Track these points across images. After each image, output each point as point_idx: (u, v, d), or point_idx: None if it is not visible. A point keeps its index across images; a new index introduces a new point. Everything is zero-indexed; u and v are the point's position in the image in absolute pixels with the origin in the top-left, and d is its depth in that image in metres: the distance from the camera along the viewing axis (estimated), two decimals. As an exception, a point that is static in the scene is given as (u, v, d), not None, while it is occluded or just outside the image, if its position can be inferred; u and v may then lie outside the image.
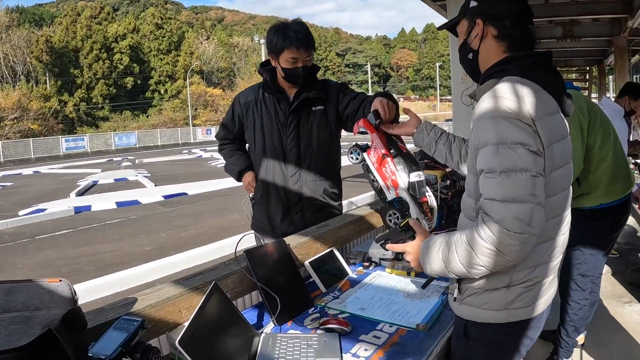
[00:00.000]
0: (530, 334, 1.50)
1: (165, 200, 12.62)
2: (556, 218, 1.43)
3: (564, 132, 1.44)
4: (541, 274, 1.43)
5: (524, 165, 1.25)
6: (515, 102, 1.29)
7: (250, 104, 2.79)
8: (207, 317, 1.40)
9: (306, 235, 2.30)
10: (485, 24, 1.49)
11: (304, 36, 2.58)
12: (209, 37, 74.47)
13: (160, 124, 54.69)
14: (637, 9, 6.63)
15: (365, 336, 1.63)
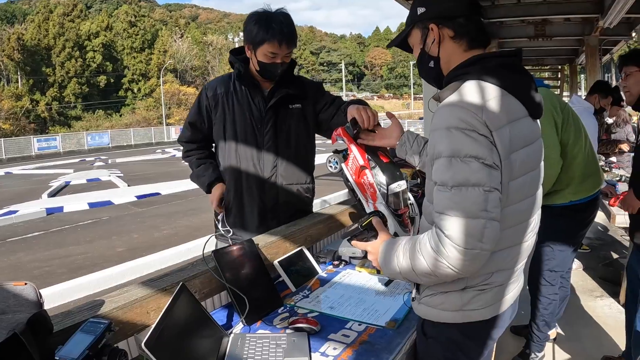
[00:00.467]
0: (490, 333, 1.51)
1: (138, 200, 12.48)
2: (519, 225, 1.42)
3: (530, 137, 1.40)
4: (500, 279, 1.43)
5: (477, 180, 1.22)
6: (472, 113, 1.26)
7: (220, 97, 2.52)
8: (175, 318, 1.39)
9: (275, 234, 2.30)
10: (439, 27, 1.46)
11: (289, 31, 2.38)
12: (183, 35, 73.73)
13: (133, 123, 53.99)
14: (607, 9, 6.75)
15: (334, 335, 1.65)
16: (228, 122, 2.52)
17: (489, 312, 1.44)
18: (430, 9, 1.47)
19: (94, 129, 50.51)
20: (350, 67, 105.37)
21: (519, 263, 1.50)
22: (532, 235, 1.52)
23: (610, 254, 5.82)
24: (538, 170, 1.47)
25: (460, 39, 1.45)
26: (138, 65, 64.11)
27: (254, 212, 2.56)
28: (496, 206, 1.25)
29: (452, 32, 1.45)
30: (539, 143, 1.47)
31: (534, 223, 1.50)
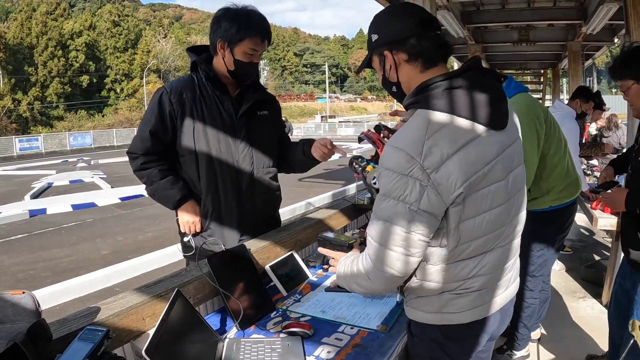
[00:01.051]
0: (472, 336, 1.55)
1: (122, 202, 12.39)
2: (491, 234, 1.45)
3: (493, 151, 1.40)
4: (477, 284, 1.47)
5: (399, 222, 1.32)
6: (409, 157, 1.30)
7: (187, 102, 2.29)
8: (172, 324, 1.41)
9: (266, 239, 2.32)
10: (392, 52, 1.47)
11: (269, 28, 2.32)
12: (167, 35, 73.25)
13: (116, 123, 53.44)
14: (591, 16, 6.87)
15: (327, 338, 1.67)
16: (198, 130, 2.32)
17: (468, 316, 1.49)
18: (382, 36, 1.49)
19: (76, 129, 49.86)
20: (333, 68, 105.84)
21: (500, 268, 1.52)
22: (511, 240, 1.54)
23: (592, 256, 5.93)
24: (512, 176, 1.47)
25: (415, 60, 1.45)
26: (121, 65, 63.44)
27: (233, 224, 2.43)
28: (415, 247, 1.35)
29: (405, 55, 1.46)
30: (510, 150, 1.47)
31: (512, 228, 1.53)
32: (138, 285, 1.75)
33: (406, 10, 1.50)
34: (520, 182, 1.54)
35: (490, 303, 1.53)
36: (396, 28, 1.46)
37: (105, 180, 16.81)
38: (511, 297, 1.64)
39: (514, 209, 1.52)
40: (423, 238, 1.34)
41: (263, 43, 2.28)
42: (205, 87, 2.34)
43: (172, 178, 2.37)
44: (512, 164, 1.47)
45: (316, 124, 54.18)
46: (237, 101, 2.39)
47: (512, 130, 1.51)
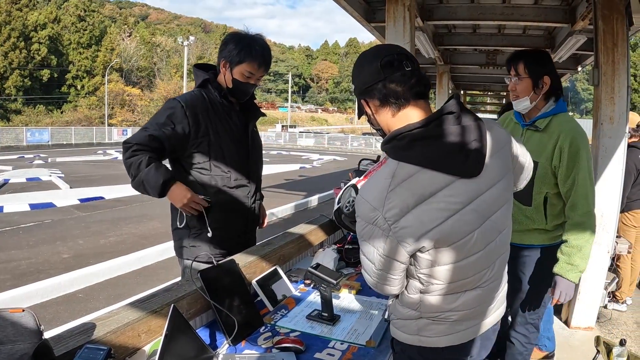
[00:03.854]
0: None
1: (82, 203, 12.09)
2: (465, 279, 1.49)
3: (459, 205, 1.39)
4: (454, 317, 1.53)
5: (372, 259, 1.45)
6: (373, 209, 1.36)
7: (202, 117, 2.43)
8: (172, 342, 1.42)
9: (252, 254, 2.35)
10: (366, 100, 1.51)
11: (268, 56, 2.55)
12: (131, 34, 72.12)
13: (74, 121, 52.27)
14: (559, 45, 7.15)
15: (319, 354, 1.73)
16: (215, 142, 2.46)
17: (444, 341, 1.55)
18: (356, 86, 1.54)
19: (33, 124, 48.50)
20: (296, 78, 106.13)
21: (480, 304, 1.57)
22: (493, 280, 1.58)
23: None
24: (490, 222, 1.47)
25: (385, 104, 1.47)
26: (83, 61, 61.89)
27: (236, 232, 2.61)
28: (388, 280, 1.49)
29: (377, 101, 1.48)
30: (487, 196, 1.45)
31: (493, 272, 1.56)
32: (101, 292, 1.75)
33: (370, 57, 1.50)
34: (502, 224, 1.54)
35: (469, 330, 1.58)
36: (363, 78, 1.49)
37: (63, 179, 16.35)
38: (493, 324, 1.69)
39: (494, 253, 1.53)
40: (394, 275, 1.47)
41: (260, 69, 2.50)
42: (215, 102, 2.50)
43: (156, 164, 2.37)
44: (489, 210, 1.46)
45: (277, 133, 54.00)
46: (243, 114, 2.62)
47: (491, 174, 1.46)
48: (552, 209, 2.60)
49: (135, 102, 61.24)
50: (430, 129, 1.39)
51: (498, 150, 1.50)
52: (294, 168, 23.09)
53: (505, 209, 1.54)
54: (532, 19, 6.40)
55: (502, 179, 1.50)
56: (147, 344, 1.58)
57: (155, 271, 6.56)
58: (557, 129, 2.50)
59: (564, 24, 6.40)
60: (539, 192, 2.59)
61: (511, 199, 1.60)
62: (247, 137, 2.63)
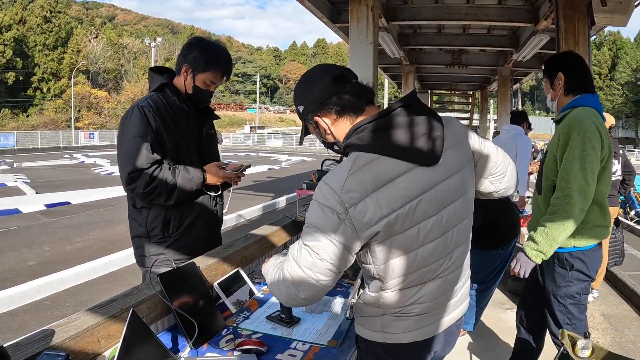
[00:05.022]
0: (414, 356, 1.64)
1: (48, 209, 11.86)
2: (423, 269, 1.51)
3: (416, 192, 1.43)
4: (416, 310, 1.56)
5: (313, 247, 1.41)
6: (332, 191, 1.39)
7: (166, 118, 2.38)
8: (131, 347, 1.41)
9: (213, 256, 2.34)
10: (320, 116, 1.55)
11: (231, 66, 2.57)
12: (98, 35, 71.07)
13: (41, 125, 51.37)
14: (522, 45, 7.30)
15: (281, 355, 1.74)
16: (174, 146, 2.43)
17: (408, 337, 1.58)
18: (306, 105, 1.57)
19: (-2, 128, 47.47)
20: (265, 79, 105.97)
21: (441, 297, 1.60)
22: (452, 270, 1.61)
23: (519, 270, 6.24)
24: (448, 211, 1.51)
25: (342, 115, 1.53)
26: (49, 63, 60.74)
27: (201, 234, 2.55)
28: (323, 274, 1.43)
29: (333, 114, 1.53)
30: (444, 185, 1.49)
31: (451, 261, 1.58)
32: (69, 299, 1.73)
33: (318, 74, 1.58)
34: (461, 215, 1.58)
35: (432, 325, 1.62)
36: (316, 94, 1.54)
37: (29, 185, 16.02)
38: (456, 319, 1.72)
39: (452, 243, 1.57)
40: (332, 268, 1.42)
41: (222, 78, 2.51)
42: (174, 106, 2.45)
43: (175, 168, 2.38)
44: (446, 199, 1.50)
45: (245, 135, 53.92)
46: (200, 119, 2.59)
47: (450, 164, 1.52)
48: None
49: (102, 105, 60.61)
50: (386, 120, 1.45)
51: (456, 142, 1.56)
52: (262, 170, 23.02)
53: (464, 200, 1.58)
54: (496, 19, 6.54)
55: (460, 170, 1.55)
56: (106, 350, 1.57)
57: (122, 276, 6.48)
58: (567, 122, 2.56)
59: (528, 24, 6.55)
60: (547, 180, 2.67)
61: (471, 191, 1.64)
62: (205, 141, 2.61)
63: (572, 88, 2.66)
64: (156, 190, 2.30)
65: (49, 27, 61.82)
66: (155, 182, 2.29)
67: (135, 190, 2.30)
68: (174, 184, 2.33)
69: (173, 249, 2.44)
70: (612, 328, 4.50)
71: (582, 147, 2.44)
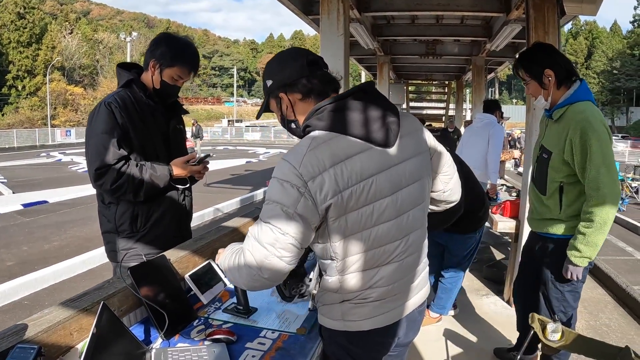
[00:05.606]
0: (377, 342, 1.69)
1: (25, 209, 11.70)
2: (377, 249, 1.57)
3: (371, 170, 1.50)
4: (374, 295, 1.61)
5: (276, 223, 1.44)
6: (291, 167, 1.44)
7: (132, 114, 2.41)
8: (101, 338, 1.43)
9: (184, 249, 2.37)
10: (287, 93, 1.62)
11: (198, 62, 2.59)
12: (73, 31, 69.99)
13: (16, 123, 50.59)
14: (495, 34, 7.38)
15: (250, 343, 1.78)
16: (141, 142, 2.46)
17: (368, 324, 1.63)
18: (275, 80, 1.64)
19: (-28, 129, 46.52)
20: (242, 72, 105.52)
21: (398, 281, 1.65)
22: (410, 254, 1.66)
23: (494, 256, 6.38)
24: (402, 194, 1.58)
25: (307, 97, 1.61)
26: (24, 60, 59.72)
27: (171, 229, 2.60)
28: (285, 249, 1.46)
29: (299, 94, 1.61)
30: (400, 168, 1.57)
31: (407, 244, 1.64)
32: (47, 298, 1.75)
33: (294, 55, 1.65)
34: (417, 199, 1.65)
35: (392, 312, 1.67)
36: (288, 72, 1.61)
37: (5, 184, 15.76)
38: (417, 304, 1.77)
39: (407, 226, 1.63)
40: (294, 242, 1.45)
41: (190, 74, 2.55)
42: (141, 102, 2.47)
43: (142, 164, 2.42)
44: (401, 182, 1.58)
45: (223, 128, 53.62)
46: (168, 115, 2.62)
47: (406, 149, 1.60)
48: (568, 198, 2.70)
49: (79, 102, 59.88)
50: (345, 102, 1.54)
51: (412, 132, 1.65)
52: (240, 163, 22.95)
53: (419, 185, 1.65)
54: (468, 9, 6.56)
55: (416, 156, 1.64)
56: (79, 342, 1.59)
57: (100, 273, 6.44)
58: (569, 121, 2.59)
59: (500, 14, 6.59)
60: (553, 181, 2.72)
61: (427, 179, 1.70)
62: (172, 137, 2.65)
63: (562, 79, 2.68)
64: (123, 186, 2.35)
65: (22, 23, 60.68)
66: (123, 178, 2.34)
67: (103, 187, 2.35)
68: (141, 180, 2.38)
69: (142, 244, 2.48)
70: (587, 312, 4.61)
71: (602, 150, 2.48)
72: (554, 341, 2.35)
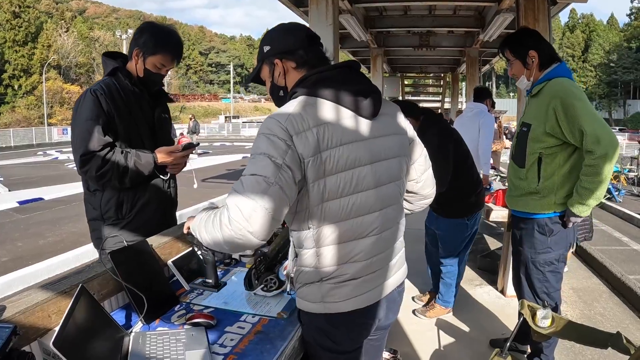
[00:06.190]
0: (358, 323, 1.69)
1: (21, 206, 11.66)
2: (359, 218, 1.59)
3: (351, 136, 1.55)
4: (351, 271, 1.61)
5: (263, 173, 1.42)
6: (277, 122, 1.48)
7: (118, 101, 2.42)
8: (77, 320, 1.43)
9: (167, 235, 2.37)
10: (282, 60, 1.68)
11: (181, 50, 2.61)
12: (69, 29, 69.74)
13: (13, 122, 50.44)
14: (488, 24, 7.34)
15: (230, 327, 1.77)
16: (127, 129, 2.47)
17: (349, 305, 1.62)
18: (274, 46, 1.70)
19: (-32, 129, 46.38)
20: (238, 68, 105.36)
21: (376, 256, 1.66)
22: (387, 228, 1.69)
23: (488, 246, 6.36)
24: (381, 166, 1.63)
25: (301, 67, 1.68)
26: (20, 60, 59.42)
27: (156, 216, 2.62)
28: (274, 200, 1.42)
29: (294, 63, 1.68)
30: (381, 141, 1.64)
31: (385, 218, 1.67)
32: None
33: (296, 27, 1.73)
34: (396, 175, 1.70)
35: (372, 292, 1.67)
36: (288, 41, 1.69)
37: (2, 183, 15.67)
38: (396, 285, 1.78)
39: (385, 198, 1.66)
40: (282, 194, 1.42)
41: (173, 62, 2.56)
42: (127, 90, 2.49)
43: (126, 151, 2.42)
44: (380, 153, 1.63)
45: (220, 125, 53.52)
46: (153, 103, 2.64)
47: (388, 126, 1.69)
48: (546, 170, 2.74)
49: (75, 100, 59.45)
50: (332, 72, 1.62)
51: (392, 113, 1.75)
52: (236, 158, 22.85)
53: (397, 162, 1.71)
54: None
55: (395, 135, 1.71)
56: (57, 325, 1.57)
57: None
58: (549, 93, 2.66)
59: (492, 3, 6.59)
60: (532, 153, 2.76)
61: (405, 159, 1.75)
62: (158, 126, 2.66)
63: (545, 62, 2.77)
64: (108, 173, 2.36)
65: (18, 22, 60.30)
66: (108, 165, 2.35)
67: (88, 173, 2.36)
68: (126, 166, 2.39)
69: (127, 231, 2.48)
70: (582, 301, 4.63)
71: (587, 109, 2.56)
72: (544, 327, 2.32)
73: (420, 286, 4.76)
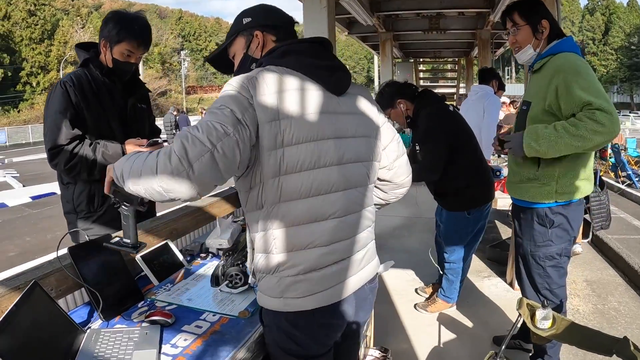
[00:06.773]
0: (322, 324, 1.55)
1: (33, 201, 11.76)
2: (319, 197, 1.47)
3: (313, 108, 1.48)
4: (310, 259, 1.48)
5: (224, 121, 1.32)
6: (240, 80, 1.42)
7: (87, 95, 2.41)
8: (24, 316, 1.38)
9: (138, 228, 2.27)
10: (264, 33, 1.66)
11: (148, 34, 2.55)
12: (85, 25, 70.38)
13: (32, 119, 50.84)
14: (497, 3, 7.10)
15: (187, 326, 1.69)
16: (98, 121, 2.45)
17: (311, 301, 1.49)
18: (256, 19, 1.67)
19: (-11, 126, 47.06)
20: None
21: (340, 242, 1.54)
22: (351, 212, 1.57)
23: (499, 236, 6.10)
24: (344, 144, 1.54)
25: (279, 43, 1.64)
26: (37, 57, 60.04)
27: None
28: (227, 151, 1.31)
29: (274, 37, 1.67)
30: (345, 118, 1.57)
31: (348, 200, 1.55)
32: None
33: (283, 11, 1.73)
34: (362, 155, 1.60)
35: (337, 287, 1.54)
36: (272, 18, 1.68)
37: (17, 179, 15.88)
38: (366, 280, 1.65)
39: (350, 178, 1.55)
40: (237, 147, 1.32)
41: (140, 48, 2.50)
42: (98, 81, 2.48)
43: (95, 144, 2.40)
44: (344, 130, 1.55)
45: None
46: (125, 94, 2.60)
47: (356, 104, 1.63)
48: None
49: (94, 95, 60.11)
50: (301, 45, 1.58)
51: (361, 94, 1.67)
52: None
53: (366, 142, 1.63)
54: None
55: (363, 115, 1.65)
56: (1, 318, 1.52)
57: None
58: (552, 67, 2.41)
59: (501, -19, 6.38)
60: None
61: (375, 141, 1.67)
62: (131, 117, 2.62)
63: (553, 35, 2.53)
64: (77, 166, 2.36)
65: (34, 20, 60.84)
66: (76, 158, 2.34)
67: (57, 167, 2.36)
68: (94, 159, 2.37)
69: (100, 224, 2.46)
70: (595, 295, 4.38)
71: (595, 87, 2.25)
72: (544, 329, 2.13)
73: (426, 278, 4.60)
